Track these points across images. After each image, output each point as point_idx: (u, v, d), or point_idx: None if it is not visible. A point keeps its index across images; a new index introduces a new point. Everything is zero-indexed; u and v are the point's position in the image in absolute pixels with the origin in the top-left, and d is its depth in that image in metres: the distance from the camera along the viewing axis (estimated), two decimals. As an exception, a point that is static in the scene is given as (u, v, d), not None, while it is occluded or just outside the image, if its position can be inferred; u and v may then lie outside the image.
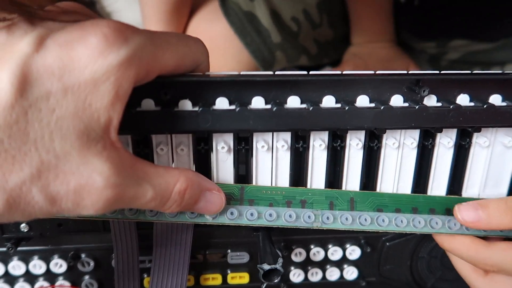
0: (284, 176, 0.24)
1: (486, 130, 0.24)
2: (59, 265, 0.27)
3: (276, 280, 0.23)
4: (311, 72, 0.22)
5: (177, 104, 0.21)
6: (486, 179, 0.25)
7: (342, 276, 0.29)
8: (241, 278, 0.28)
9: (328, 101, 0.22)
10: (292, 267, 0.28)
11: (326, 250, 0.28)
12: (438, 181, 0.25)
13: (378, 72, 0.22)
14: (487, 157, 0.25)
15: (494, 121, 0.22)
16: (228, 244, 0.27)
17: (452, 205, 0.25)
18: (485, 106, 0.22)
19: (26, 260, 0.26)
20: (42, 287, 0.27)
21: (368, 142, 0.24)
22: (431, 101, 0.22)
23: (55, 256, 0.27)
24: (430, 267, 0.29)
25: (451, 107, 0.22)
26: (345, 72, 0.22)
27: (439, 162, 0.25)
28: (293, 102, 0.21)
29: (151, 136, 0.22)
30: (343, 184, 0.24)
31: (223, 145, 0.22)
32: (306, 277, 0.29)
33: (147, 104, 0.21)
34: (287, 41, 0.52)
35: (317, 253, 0.28)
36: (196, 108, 0.21)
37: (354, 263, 0.29)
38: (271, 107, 0.21)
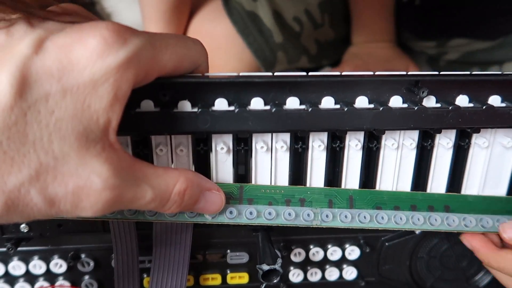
0: (283, 177, 0.24)
1: (485, 131, 0.24)
2: (59, 265, 0.27)
3: (275, 281, 0.23)
4: (310, 73, 0.22)
5: (177, 105, 0.21)
6: (485, 180, 0.25)
7: (342, 276, 0.29)
8: (241, 278, 0.28)
9: (327, 102, 0.22)
10: (292, 267, 0.28)
11: (326, 250, 0.28)
12: (438, 182, 0.25)
13: (377, 73, 0.22)
14: (486, 158, 0.25)
15: (493, 122, 0.22)
16: (228, 244, 0.28)
17: (450, 202, 0.25)
18: (484, 107, 0.22)
19: (26, 260, 0.27)
20: (42, 287, 0.27)
21: (367, 143, 0.24)
22: (430, 102, 0.22)
23: (55, 256, 0.27)
24: (429, 267, 0.29)
25: (450, 108, 0.22)
26: (344, 73, 0.22)
27: (438, 163, 0.25)
28: (292, 103, 0.21)
29: (151, 137, 0.22)
30: (343, 185, 0.24)
31: (223, 146, 0.22)
32: (306, 277, 0.29)
33: (147, 105, 0.21)
34: (289, 41, 0.52)
35: (317, 253, 0.28)
36: (195, 109, 0.21)
37: (354, 263, 0.29)
38: (270, 108, 0.21)
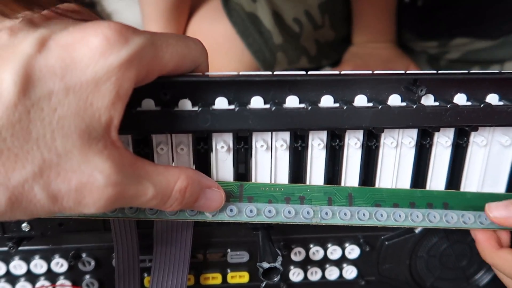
0: (283, 175, 0.24)
1: (484, 129, 0.24)
2: (60, 265, 0.27)
3: (276, 279, 0.23)
4: (310, 72, 0.22)
5: (177, 104, 0.21)
6: (484, 178, 0.25)
7: (342, 275, 0.29)
8: (241, 278, 0.28)
9: (327, 101, 0.22)
10: (292, 266, 0.28)
11: (326, 249, 0.28)
12: (436, 180, 0.25)
13: (376, 72, 0.22)
14: (485, 156, 0.25)
15: (491, 120, 0.22)
16: (228, 244, 0.28)
17: (449, 199, 0.25)
18: (482, 105, 0.22)
19: (27, 260, 0.27)
20: (43, 287, 0.27)
21: (367, 142, 0.24)
22: (429, 101, 0.22)
23: (56, 256, 0.27)
24: (429, 266, 0.29)
25: (448, 107, 0.22)
26: (343, 72, 0.22)
27: (437, 161, 0.25)
28: (292, 102, 0.22)
29: (151, 136, 0.22)
30: (342, 183, 0.24)
31: (223, 145, 0.23)
32: (306, 276, 0.29)
33: (147, 104, 0.21)
34: (288, 43, 0.52)
35: (317, 252, 0.28)
36: (196, 108, 0.21)
37: (353, 262, 0.29)
38: (270, 107, 0.21)
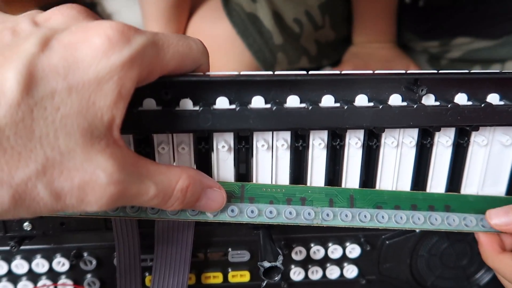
0: (284, 175, 0.24)
1: (484, 129, 0.24)
2: (62, 264, 0.27)
3: (277, 278, 0.23)
4: (311, 72, 0.22)
5: (178, 104, 0.21)
6: (485, 178, 0.25)
7: (342, 275, 0.29)
8: (242, 277, 0.28)
9: (327, 101, 0.22)
10: (293, 266, 0.28)
11: (326, 249, 0.28)
12: (437, 180, 0.25)
13: (377, 72, 0.22)
14: (485, 156, 0.25)
15: (492, 120, 0.22)
16: (229, 243, 0.28)
17: (451, 202, 0.25)
18: (483, 105, 0.22)
19: (29, 259, 0.27)
20: (45, 286, 0.27)
21: (367, 141, 0.24)
22: (429, 100, 0.22)
23: (58, 255, 0.27)
24: (430, 265, 0.29)
25: (449, 106, 0.22)
26: (344, 72, 0.22)
27: (438, 161, 0.25)
28: (293, 102, 0.22)
29: (153, 136, 0.22)
30: (343, 183, 0.25)
31: (224, 144, 0.23)
32: (307, 276, 0.29)
33: (149, 104, 0.21)
34: (289, 43, 0.52)
35: (317, 252, 0.28)
36: (197, 108, 0.21)
37: (354, 262, 0.29)
38: (271, 107, 0.21)
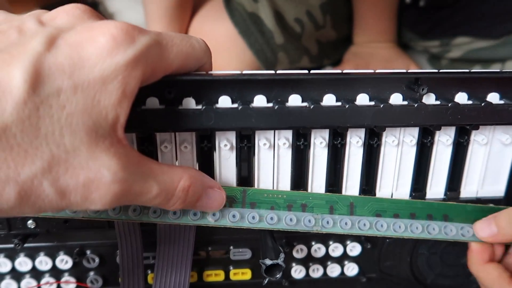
0: (286, 174, 0.24)
1: (484, 128, 0.24)
2: (65, 262, 0.27)
3: (278, 275, 0.23)
4: (312, 71, 0.22)
5: (181, 103, 0.21)
6: (485, 176, 0.26)
7: (343, 272, 0.29)
8: (244, 274, 0.29)
9: (329, 100, 0.22)
10: (294, 264, 0.29)
11: (327, 247, 0.28)
12: (437, 178, 0.25)
13: (378, 71, 0.22)
14: (485, 155, 0.25)
15: (492, 119, 0.23)
16: (231, 241, 0.28)
17: (449, 211, 0.25)
18: (483, 104, 0.22)
19: (33, 257, 0.27)
20: (48, 283, 0.28)
21: (368, 140, 0.24)
22: (430, 99, 0.23)
23: (61, 253, 0.27)
24: (430, 264, 0.29)
25: (450, 105, 0.22)
26: (345, 71, 0.22)
27: (438, 160, 0.25)
28: (294, 101, 0.22)
29: (156, 134, 0.22)
30: (344, 181, 0.25)
31: (226, 143, 0.23)
32: (308, 273, 0.29)
33: (152, 103, 0.21)
34: (290, 42, 0.52)
35: (318, 250, 0.28)
36: (200, 107, 0.21)
37: (355, 260, 0.29)
38: (273, 106, 0.21)
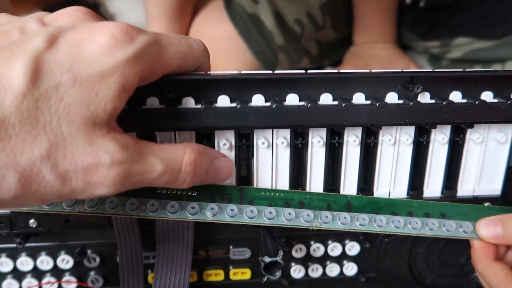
0: (284, 172, 0.25)
1: (479, 127, 0.25)
2: (66, 261, 0.27)
3: (277, 273, 0.23)
4: (309, 71, 0.22)
5: (181, 102, 0.22)
6: (481, 174, 0.26)
7: (342, 272, 0.29)
8: (243, 274, 0.29)
9: (326, 99, 0.22)
10: (293, 263, 0.29)
11: (326, 246, 0.28)
12: (434, 177, 0.26)
13: (374, 71, 0.23)
14: (481, 153, 0.25)
15: (486, 117, 0.23)
16: (230, 241, 0.28)
17: (446, 210, 0.25)
18: (477, 102, 0.23)
19: (34, 256, 0.27)
20: (49, 283, 0.28)
21: (365, 139, 0.24)
22: (425, 98, 0.23)
23: (62, 252, 0.27)
24: (428, 263, 0.30)
25: (444, 104, 0.22)
26: (342, 71, 0.23)
27: (435, 158, 0.25)
28: (292, 100, 0.22)
29: (156, 133, 0.23)
30: (341, 180, 0.25)
31: (225, 142, 0.23)
32: (307, 273, 0.29)
33: (152, 102, 0.21)
34: (290, 43, 0.52)
35: (317, 249, 0.29)
36: (199, 106, 0.21)
37: (354, 259, 0.29)
38: (271, 105, 0.22)
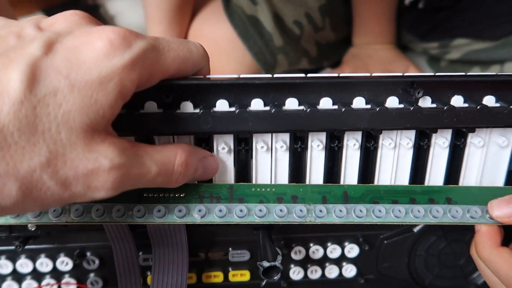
0: (283, 177, 0.24)
1: (481, 131, 0.24)
2: (65, 263, 0.27)
3: (276, 277, 0.23)
4: (309, 75, 0.22)
5: (179, 106, 0.21)
6: (482, 179, 0.26)
7: (341, 274, 0.29)
8: (242, 276, 0.29)
9: (325, 103, 0.22)
10: (292, 265, 0.29)
11: (325, 248, 0.28)
12: (434, 181, 0.25)
13: (374, 75, 0.23)
14: (482, 157, 0.25)
15: (488, 122, 0.23)
16: (230, 243, 0.28)
17: (452, 194, 0.24)
18: (479, 107, 0.22)
19: (33, 258, 0.27)
20: (49, 285, 0.28)
21: (365, 143, 0.24)
22: (426, 103, 0.23)
23: (61, 254, 0.27)
24: (428, 265, 0.30)
25: (445, 108, 0.22)
26: (342, 75, 0.22)
27: (435, 162, 0.25)
28: (291, 104, 0.22)
29: (154, 138, 0.23)
30: (341, 183, 0.25)
31: (224, 146, 0.23)
32: (306, 275, 0.29)
33: (150, 107, 0.21)
34: (289, 45, 0.52)
35: (316, 251, 0.29)
36: (197, 110, 0.21)
37: (353, 261, 0.29)
38: (270, 109, 0.22)
